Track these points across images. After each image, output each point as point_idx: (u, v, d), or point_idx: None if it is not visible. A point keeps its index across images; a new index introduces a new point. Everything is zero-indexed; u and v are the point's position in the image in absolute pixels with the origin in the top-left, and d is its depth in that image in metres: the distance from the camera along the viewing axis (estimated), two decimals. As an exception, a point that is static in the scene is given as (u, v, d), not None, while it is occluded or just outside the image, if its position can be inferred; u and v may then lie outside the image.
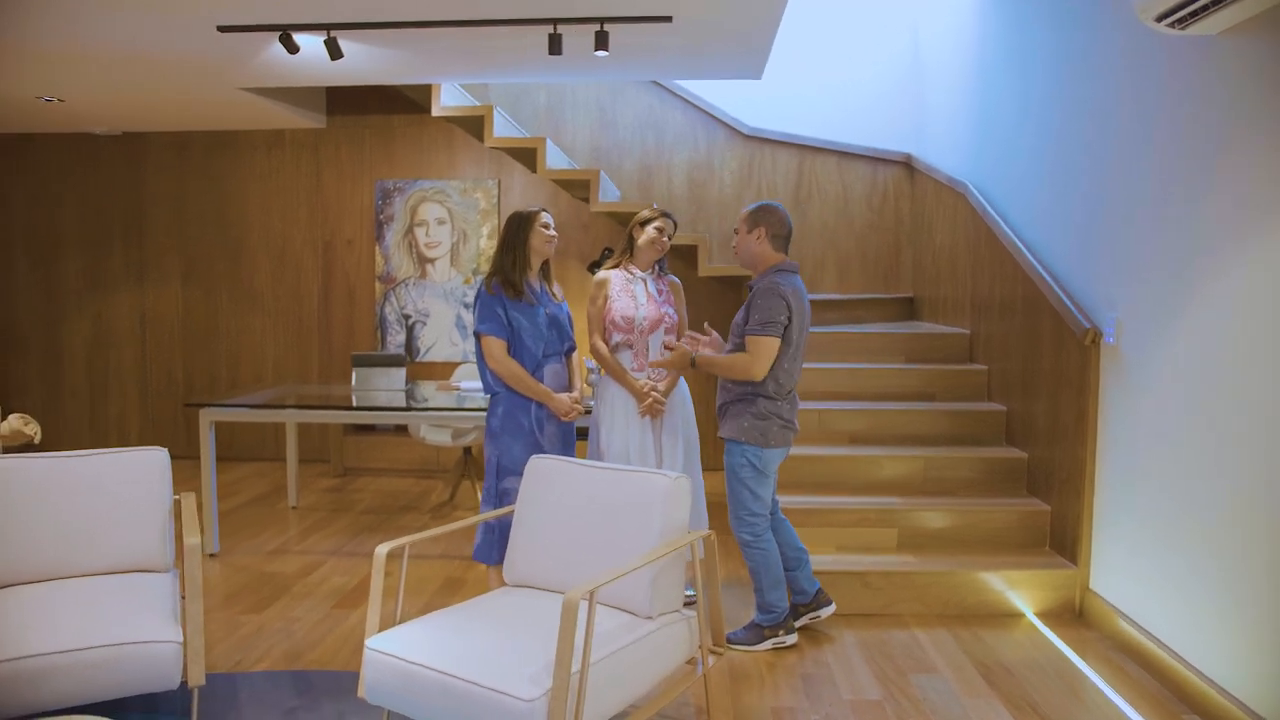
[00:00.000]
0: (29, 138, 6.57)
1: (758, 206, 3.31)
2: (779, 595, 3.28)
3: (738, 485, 3.23)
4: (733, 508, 3.27)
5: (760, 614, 3.30)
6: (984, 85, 4.86)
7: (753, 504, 3.23)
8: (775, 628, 3.29)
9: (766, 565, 3.25)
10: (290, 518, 5.07)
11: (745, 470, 3.21)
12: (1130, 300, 3.28)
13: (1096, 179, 3.54)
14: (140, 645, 2.40)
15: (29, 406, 6.71)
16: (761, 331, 3.11)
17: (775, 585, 3.27)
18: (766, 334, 3.10)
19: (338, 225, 6.49)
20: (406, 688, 2.26)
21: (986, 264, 4.65)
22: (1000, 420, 4.40)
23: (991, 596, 3.62)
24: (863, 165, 6.12)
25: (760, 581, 3.27)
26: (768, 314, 3.11)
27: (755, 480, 3.22)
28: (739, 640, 3.28)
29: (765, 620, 3.29)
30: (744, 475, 3.21)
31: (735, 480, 3.24)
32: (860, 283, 6.17)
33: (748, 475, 3.21)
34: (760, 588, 3.28)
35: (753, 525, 3.25)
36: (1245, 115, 2.61)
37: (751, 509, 3.24)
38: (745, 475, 3.21)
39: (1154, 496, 3.09)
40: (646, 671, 2.43)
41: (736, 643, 3.28)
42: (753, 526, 3.25)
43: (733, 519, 3.27)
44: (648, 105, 6.20)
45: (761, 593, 3.28)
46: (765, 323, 3.10)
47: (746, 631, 3.31)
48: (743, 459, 3.20)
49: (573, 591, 2.11)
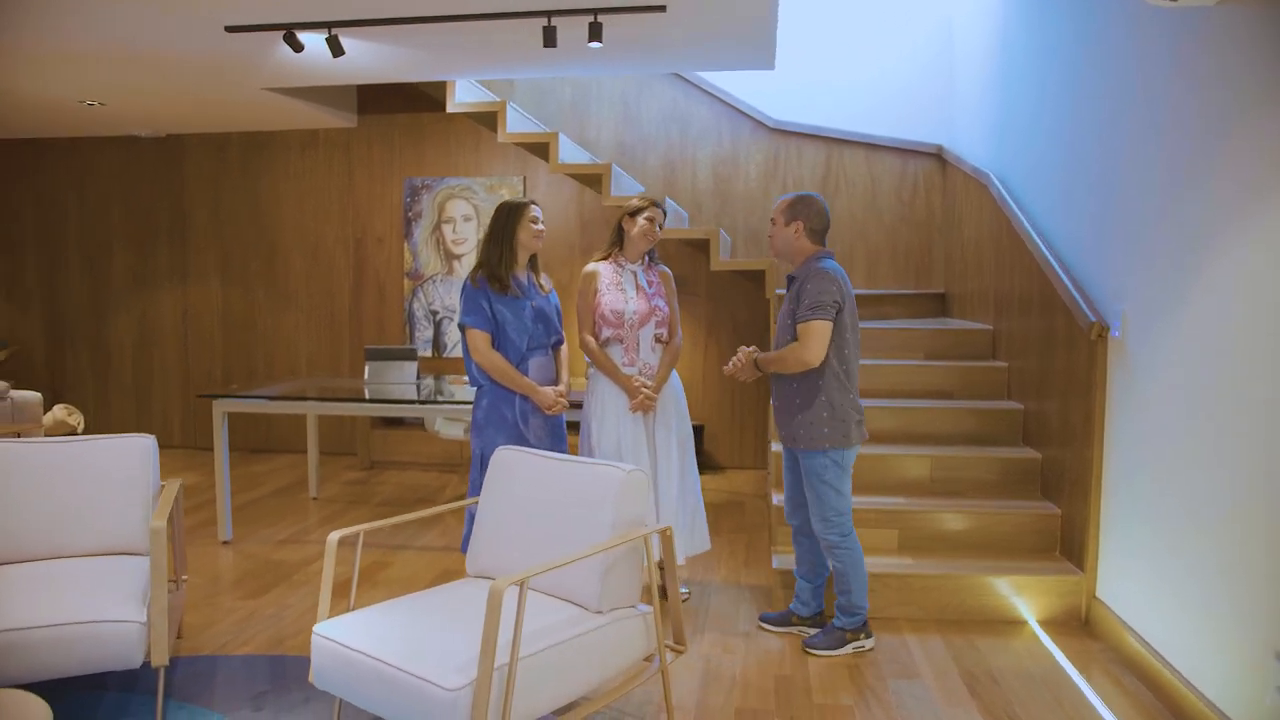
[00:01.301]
0: (79, 141, 6.86)
1: (795, 198, 3.17)
2: (864, 596, 3.17)
3: (822, 487, 3.11)
4: (818, 510, 3.14)
5: (844, 617, 3.18)
6: (1006, 71, 4.67)
7: (838, 503, 3.12)
8: (857, 631, 3.18)
9: (855, 566, 3.14)
10: (310, 508, 5.17)
11: (829, 471, 3.10)
12: (1136, 293, 3.09)
13: (1106, 166, 3.36)
14: (101, 625, 2.46)
15: (80, 400, 7.02)
16: (811, 315, 3.00)
17: (863, 586, 3.16)
18: (817, 317, 3.00)
19: (368, 223, 6.61)
20: (347, 674, 2.27)
21: (1007, 257, 4.46)
22: (1018, 420, 4.22)
23: (993, 602, 3.47)
24: (892, 157, 5.96)
25: (849, 583, 3.15)
26: (816, 297, 3.00)
27: (838, 479, 3.12)
28: (819, 645, 3.16)
29: (849, 624, 3.17)
30: (828, 477, 3.10)
31: (819, 483, 3.11)
32: (890, 278, 6.01)
33: (831, 476, 3.10)
34: (849, 590, 3.15)
35: (840, 525, 3.13)
36: (1247, 92, 2.43)
37: (838, 508, 3.12)
38: (829, 477, 3.10)
39: (1158, 502, 2.91)
40: (592, 666, 2.39)
41: (817, 648, 3.15)
42: (840, 526, 3.13)
43: (818, 522, 3.15)
44: (671, 99, 6.15)
45: (849, 595, 3.15)
46: (814, 306, 3.00)
47: (826, 636, 3.18)
48: (825, 460, 3.09)
49: (499, 580, 2.09)
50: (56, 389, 7.04)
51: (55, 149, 6.92)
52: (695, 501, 3.69)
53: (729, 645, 3.24)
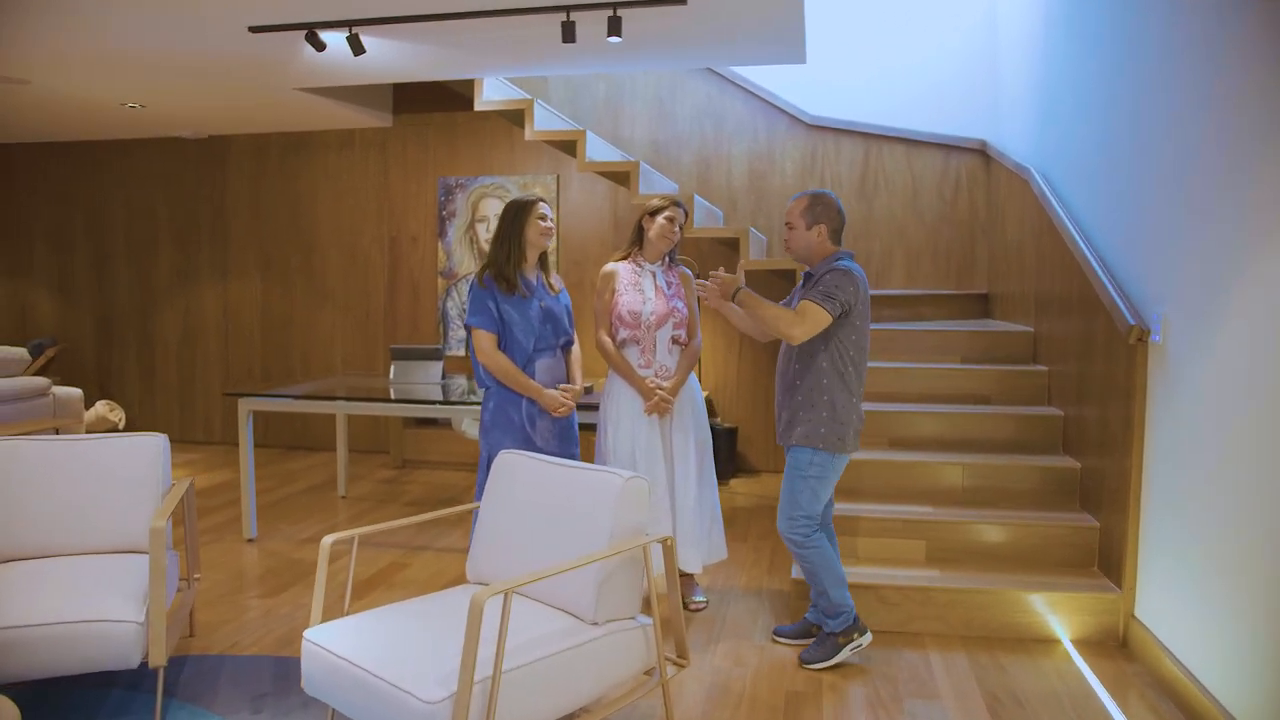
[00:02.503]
0: (128, 144, 7.03)
1: (811, 199, 3.03)
2: (842, 594, 3.01)
3: (800, 483, 2.97)
4: (786, 507, 3.01)
5: (830, 620, 3.03)
6: (1048, 61, 4.46)
7: (809, 504, 2.98)
8: (849, 631, 3.03)
9: (825, 564, 2.99)
10: (338, 507, 5.20)
11: (812, 469, 2.96)
12: (1177, 295, 2.90)
13: (1146, 161, 3.16)
14: (99, 624, 2.46)
15: (126, 396, 7.19)
16: (821, 302, 2.85)
17: (838, 584, 3.00)
18: (824, 306, 2.85)
19: (403, 222, 6.64)
20: (333, 681, 2.23)
21: (1048, 256, 4.26)
22: (1057, 426, 4.03)
23: (1024, 619, 3.30)
24: (934, 153, 5.76)
25: (822, 583, 3.00)
26: (832, 289, 2.86)
27: (820, 480, 2.98)
28: (815, 658, 3.02)
29: (837, 626, 3.02)
30: (809, 473, 2.96)
31: (798, 478, 2.98)
32: (931, 278, 5.81)
33: (815, 474, 2.97)
34: (824, 590, 3.00)
35: (805, 526, 2.98)
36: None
37: (806, 510, 2.98)
38: (811, 473, 2.96)
39: (1201, 516, 2.73)
40: (585, 680, 2.32)
41: (813, 662, 3.01)
42: (805, 527, 2.99)
43: (783, 519, 3.02)
44: (706, 95, 6.04)
45: (826, 595, 3.00)
46: (829, 295, 2.86)
47: (819, 647, 3.04)
48: (813, 457, 2.96)
49: (480, 591, 2.02)
50: (104, 385, 7.22)
51: (106, 151, 7.10)
52: (713, 508, 3.59)
53: (741, 657, 3.13)
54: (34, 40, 4.25)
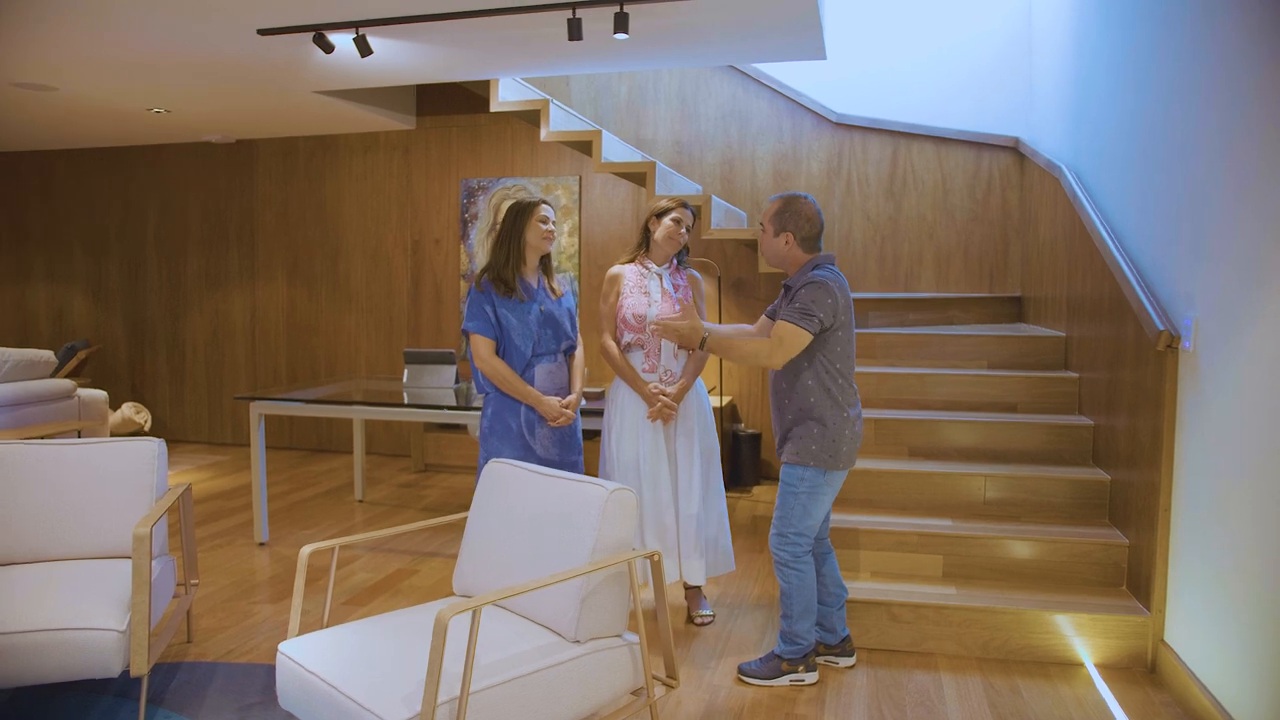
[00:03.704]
0: (161, 149, 7.12)
1: (782, 204, 2.88)
2: (807, 626, 2.91)
3: (791, 499, 2.86)
4: (778, 524, 2.89)
5: (783, 644, 2.93)
6: (1081, 54, 4.26)
7: (801, 521, 2.86)
8: (796, 662, 2.93)
9: (800, 591, 2.88)
10: (355, 511, 5.18)
11: (805, 485, 2.84)
12: (1209, 300, 2.72)
13: (1180, 157, 2.98)
14: (77, 631, 2.44)
15: (157, 398, 7.28)
16: (798, 321, 2.72)
17: (805, 614, 2.90)
18: (802, 326, 2.72)
19: (426, 224, 6.62)
20: (303, 696, 2.17)
21: (1079, 257, 4.07)
22: (1087, 437, 3.83)
23: (1045, 640, 3.12)
24: (965, 151, 5.57)
25: (790, 608, 2.89)
26: (810, 306, 2.73)
27: (812, 496, 2.85)
28: (753, 673, 2.94)
29: (788, 653, 2.92)
30: (800, 489, 2.84)
31: (789, 494, 2.86)
32: (962, 281, 5.62)
33: (805, 490, 2.84)
34: (789, 614, 2.90)
35: (795, 545, 2.86)
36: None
37: (798, 527, 2.86)
38: (802, 489, 2.84)
39: (1235, 535, 2.54)
40: (564, 701, 2.22)
41: (750, 675, 2.93)
42: (795, 547, 2.86)
43: (775, 536, 2.89)
44: (730, 95, 5.92)
45: (790, 620, 2.90)
46: (806, 314, 2.72)
47: (763, 664, 2.96)
48: (804, 473, 2.84)
49: (446, 608, 1.94)
50: (137, 388, 7.33)
51: (139, 156, 7.21)
52: (720, 518, 3.47)
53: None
54: (56, 46, 4.29)
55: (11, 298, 7.68)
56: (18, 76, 4.87)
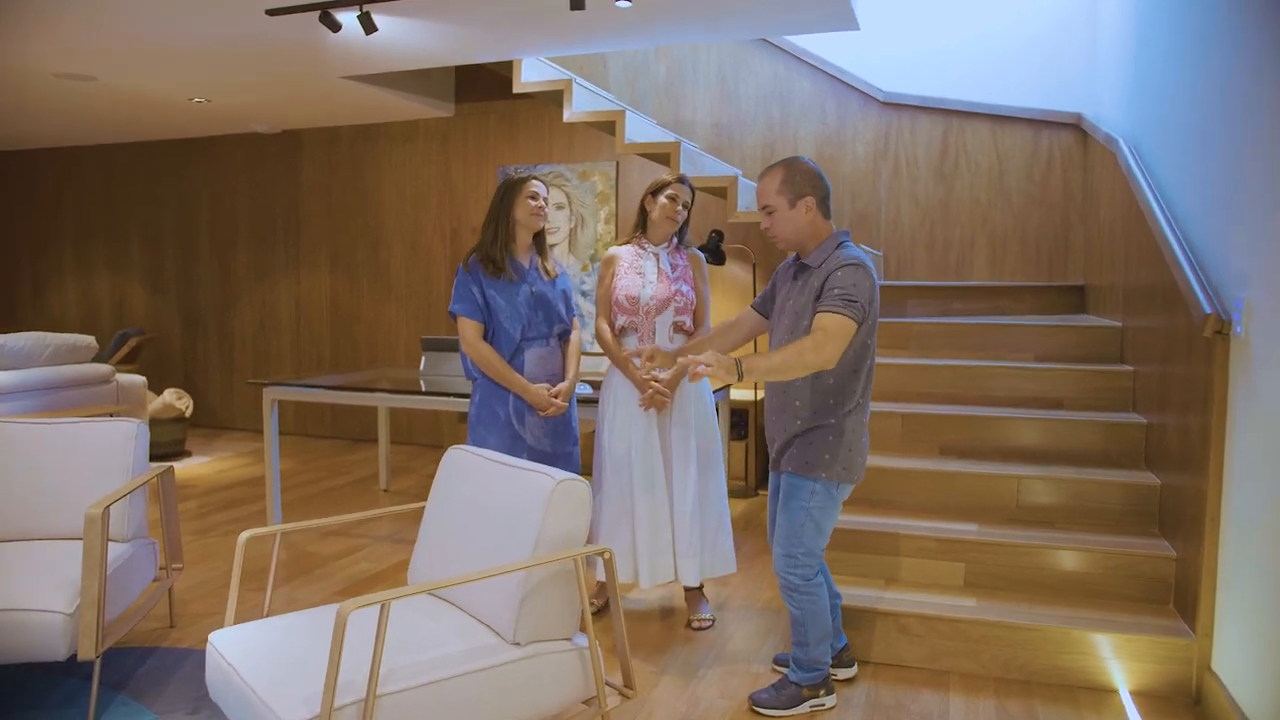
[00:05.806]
0: (212, 140, 7.25)
1: (786, 170, 2.52)
2: (824, 650, 2.63)
3: (800, 516, 2.55)
4: (785, 544, 2.58)
5: (800, 671, 2.65)
6: (1142, 18, 3.86)
7: (814, 541, 2.56)
8: (816, 688, 2.65)
9: (816, 616, 2.59)
10: (378, 500, 5.12)
11: (816, 499, 2.53)
12: (1265, 278, 2.36)
13: (1237, 124, 2.61)
14: (25, 613, 2.38)
15: (208, 386, 7.42)
16: (844, 309, 2.36)
17: (822, 639, 2.62)
18: (848, 315, 2.36)
19: (464, 212, 6.55)
20: (225, 689, 2.05)
21: (1134, 238, 3.67)
22: (1139, 437, 3.45)
23: (1074, 661, 2.79)
24: (1022, 130, 5.17)
25: (806, 635, 2.61)
26: (852, 291, 2.38)
27: (824, 512, 2.55)
28: (768, 703, 2.63)
29: (806, 679, 2.64)
30: (813, 505, 2.54)
31: (800, 512, 2.55)
32: (1019, 269, 5.22)
33: (817, 506, 2.54)
34: (805, 641, 2.61)
35: (807, 567, 2.57)
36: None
37: (809, 546, 2.56)
38: (814, 505, 2.54)
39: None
40: (496, 708, 2.04)
41: (765, 707, 2.62)
42: (806, 569, 2.57)
43: (782, 557, 2.58)
44: (772, 74, 5.64)
45: (806, 647, 2.61)
46: (850, 301, 2.37)
47: (777, 692, 2.65)
48: (817, 487, 2.53)
49: (346, 604, 1.78)
50: (190, 375, 7.49)
51: (193, 148, 7.36)
52: (719, 516, 3.24)
53: (730, 688, 2.77)
54: (86, 34, 4.34)
55: (79, 288, 7.96)
56: (57, 67, 4.97)
